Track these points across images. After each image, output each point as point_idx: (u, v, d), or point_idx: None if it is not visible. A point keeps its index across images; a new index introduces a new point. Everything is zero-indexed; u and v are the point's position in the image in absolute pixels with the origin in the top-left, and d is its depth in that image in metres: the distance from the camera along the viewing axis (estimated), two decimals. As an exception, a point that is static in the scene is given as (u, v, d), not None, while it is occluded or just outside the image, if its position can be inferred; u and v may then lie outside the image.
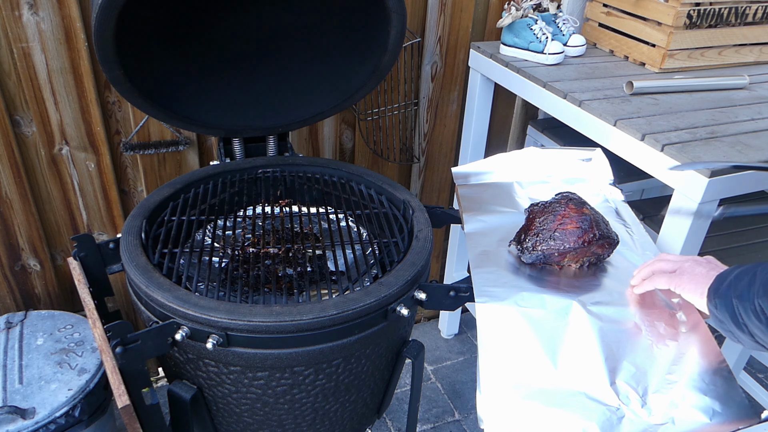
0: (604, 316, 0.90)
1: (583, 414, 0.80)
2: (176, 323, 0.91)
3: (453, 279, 2.11)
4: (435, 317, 2.34)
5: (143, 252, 1.03)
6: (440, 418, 1.93)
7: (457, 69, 1.84)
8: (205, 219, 1.21)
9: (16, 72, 1.36)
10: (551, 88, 1.48)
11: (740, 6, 1.57)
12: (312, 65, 1.38)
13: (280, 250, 1.17)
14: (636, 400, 0.81)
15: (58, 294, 1.66)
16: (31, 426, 1.22)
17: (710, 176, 1.10)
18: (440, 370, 2.12)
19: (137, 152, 1.53)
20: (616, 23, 1.68)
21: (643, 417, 0.80)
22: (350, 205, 1.28)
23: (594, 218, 1.00)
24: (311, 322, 0.90)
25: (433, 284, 1.03)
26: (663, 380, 0.83)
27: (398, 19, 1.17)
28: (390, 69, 1.28)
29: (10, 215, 1.50)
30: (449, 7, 1.72)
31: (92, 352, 1.39)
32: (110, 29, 1.00)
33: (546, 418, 0.80)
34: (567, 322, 0.90)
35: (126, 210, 1.64)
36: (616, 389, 0.82)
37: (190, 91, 1.28)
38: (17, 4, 1.29)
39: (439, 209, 1.26)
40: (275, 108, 1.36)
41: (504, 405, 0.81)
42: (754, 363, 2.14)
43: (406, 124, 1.86)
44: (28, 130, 1.43)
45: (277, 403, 1.02)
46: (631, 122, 1.28)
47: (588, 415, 0.80)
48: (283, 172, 1.34)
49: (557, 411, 0.80)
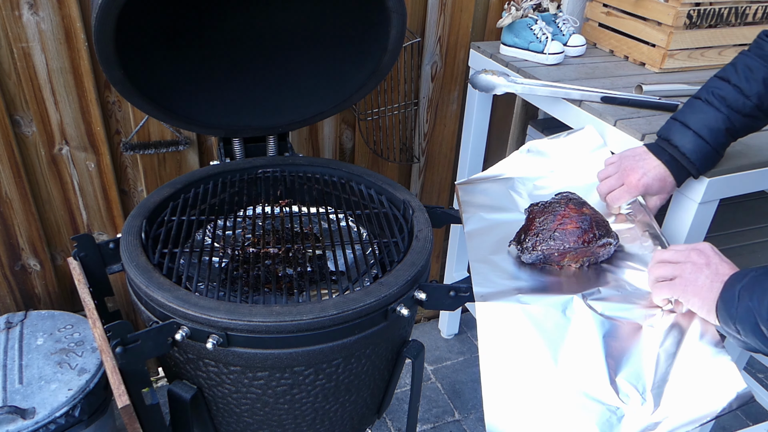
0: (605, 313, 0.90)
1: (583, 414, 0.80)
2: (176, 323, 0.91)
3: (453, 279, 2.11)
4: (435, 317, 2.34)
5: (143, 252, 1.03)
6: (440, 418, 1.93)
7: (457, 69, 1.84)
8: (205, 219, 1.21)
9: (16, 72, 1.36)
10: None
11: (740, 6, 1.57)
12: (312, 65, 1.38)
13: (280, 250, 1.17)
14: (636, 398, 0.81)
15: (58, 294, 1.66)
16: (31, 426, 1.22)
17: (710, 176, 1.11)
18: (440, 370, 2.12)
19: (137, 152, 1.53)
20: (616, 23, 1.68)
21: (642, 415, 0.80)
22: (350, 205, 1.28)
23: (594, 218, 1.01)
24: (311, 322, 0.90)
25: (433, 284, 1.03)
26: (662, 376, 0.83)
27: (398, 19, 1.17)
28: (390, 69, 1.28)
29: (10, 215, 1.50)
30: (449, 7, 1.72)
31: (92, 352, 1.39)
32: (110, 29, 1.00)
33: (546, 418, 0.80)
34: (568, 319, 0.90)
35: (126, 210, 1.64)
36: (616, 387, 0.82)
37: (190, 91, 1.28)
38: (17, 4, 1.29)
39: (439, 209, 1.26)
40: (275, 108, 1.36)
41: (505, 404, 0.81)
42: (755, 363, 2.14)
43: (406, 124, 1.86)
44: (28, 130, 1.43)
45: (277, 403, 1.02)
46: (631, 122, 1.28)
47: (588, 415, 0.80)
48: (283, 172, 1.35)
49: (558, 411, 0.80)
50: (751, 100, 1.01)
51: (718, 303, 0.81)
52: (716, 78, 1.06)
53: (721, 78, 1.05)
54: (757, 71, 1.01)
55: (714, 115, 1.02)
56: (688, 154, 1.04)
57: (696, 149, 1.03)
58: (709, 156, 1.04)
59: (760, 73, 1.00)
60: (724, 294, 0.80)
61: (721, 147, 1.05)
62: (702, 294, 0.83)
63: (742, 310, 0.77)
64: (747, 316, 0.76)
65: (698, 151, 1.03)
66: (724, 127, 1.02)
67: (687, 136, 1.04)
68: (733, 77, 1.03)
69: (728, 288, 0.81)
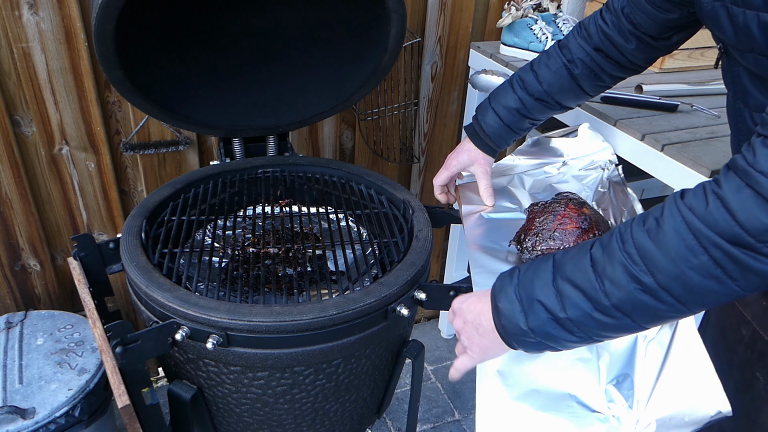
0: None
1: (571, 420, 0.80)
2: (176, 323, 0.91)
3: (453, 279, 2.11)
4: (435, 317, 2.34)
5: (143, 252, 1.03)
6: (440, 418, 1.93)
7: (457, 69, 1.84)
8: (205, 219, 1.21)
9: (16, 72, 1.36)
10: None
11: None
12: (312, 65, 1.38)
13: (280, 250, 1.17)
14: (622, 405, 0.82)
15: (58, 294, 1.66)
16: (31, 426, 1.22)
17: (710, 176, 1.11)
18: (440, 370, 2.12)
19: (137, 152, 1.53)
20: (616, 23, 1.68)
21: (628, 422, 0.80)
22: (350, 205, 1.28)
23: (594, 218, 1.00)
24: (311, 322, 0.90)
25: (433, 284, 1.03)
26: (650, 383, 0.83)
27: (398, 19, 1.18)
28: (390, 69, 1.28)
29: (10, 215, 1.50)
30: (449, 7, 1.72)
31: (92, 352, 1.39)
32: (110, 29, 1.00)
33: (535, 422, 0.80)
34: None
35: (126, 210, 1.64)
36: (607, 393, 0.83)
37: (190, 91, 1.28)
38: (17, 4, 1.29)
39: (439, 209, 1.26)
40: (275, 108, 1.36)
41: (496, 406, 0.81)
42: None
43: (406, 124, 1.86)
44: (28, 130, 1.43)
45: (277, 403, 1.02)
46: (631, 122, 1.28)
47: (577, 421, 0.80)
48: (283, 172, 1.35)
49: (547, 415, 0.81)
50: (542, 86, 1.09)
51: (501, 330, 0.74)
52: (530, 62, 1.14)
53: (531, 63, 1.13)
54: (554, 60, 1.09)
55: (511, 97, 1.12)
56: (486, 128, 1.15)
57: (491, 124, 1.14)
58: (501, 132, 1.14)
59: (555, 63, 1.08)
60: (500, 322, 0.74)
61: (515, 124, 1.13)
62: (484, 344, 0.78)
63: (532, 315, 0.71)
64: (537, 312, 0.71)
65: (492, 126, 1.14)
66: (515, 107, 1.11)
67: (488, 114, 1.15)
68: (536, 63, 1.11)
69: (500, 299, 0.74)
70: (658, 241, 0.63)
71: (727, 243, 0.59)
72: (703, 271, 0.61)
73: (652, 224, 0.64)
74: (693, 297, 0.63)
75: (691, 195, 0.62)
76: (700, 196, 0.61)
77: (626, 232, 0.66)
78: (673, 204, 0.63)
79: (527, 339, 0.72)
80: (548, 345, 0.72)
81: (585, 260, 0.68)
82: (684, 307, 0.64)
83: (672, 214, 0.63)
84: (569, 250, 0.72)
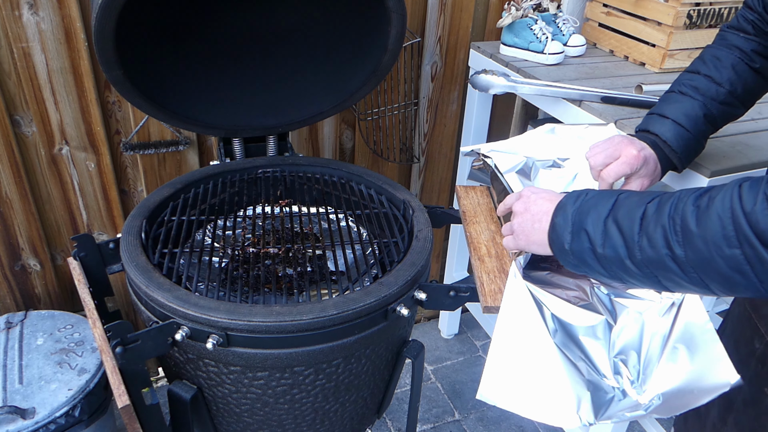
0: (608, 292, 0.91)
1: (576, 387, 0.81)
2: (176, 323, 0.91)
3: (453, 279, 2.11)
4: (435, 317, 2.34)
5: (143, 252, 1.03)
6: (440, 418, 1.93)
7: (457, 69, 1.84)
8: (205, 219, 1.21)
9: (16, 72, 1.36)
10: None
11: (740, 6, 1.56)
12: (312, 65, 1.38)
13: (280, 250, 1.17)
14: (627, 378, 0.83)
15: (58, 294, 1.66)
16: (31, 426, 1.22)
17: (710, 176, 1.11)
18: (440, 370, 2.12)
19: (137, 152, 1.53)
20: (616, 23, 1.68)
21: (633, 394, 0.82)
22: (350, 205, 1.28)
23: None
24: (311, 322, 0.90)
25: (433, 284, 1.03)
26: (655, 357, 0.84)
27: (398, 19, 1.18)
28: (390, 69, 1.28)
29: (10, 215, 1.50)
30: (449, 7, 1.72)
31: (92, 352, 1.39)
32: (110, 29, 1.00)
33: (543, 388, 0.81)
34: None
35: (126, 210, 1.64)
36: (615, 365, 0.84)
37: (190, 91, 1.28)
38: (17, 4, 1.29)
39: (439, 209, 1.26)
40: (275, 108, 1.36)
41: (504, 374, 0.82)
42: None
43: (406, 124, 1.86)
44: (28, 130, 1.43)
45: (277, 403, 1.02)
46: (631, 122, 1.28)
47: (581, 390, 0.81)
48: (283, 172, 1.35)
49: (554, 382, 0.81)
50: (724, 87, 1.00)
51: (550, 238, 0.82)
52: (686, 72, 1.06)
53: (690, 71, 1.05)
54: (725, 59, 1.01)
55: (690, 103, 1.01)
56: (669, 141, 1.01)
57: (676, 136, 1.00)
58: (690, 144, 1.01)
59: (728, 60, 1.01)
60: (552, 233, 0.81)
61: (702, 135, 1.02)
62: (532, 238, 0.86)
63: (576, 241, 0.77)
64: (580, 244, 0.76)
65: (678, 138, 1.00)
66: (702, 113, 1.00)
67: (666, 125, 1.01)
68: (702, 68, 1.03)
69: (558, 214, 0.80)
70: (701, 220, 0.64)
71: (761, 245, 0.59)
72: (732, 262, 0.62)
73: (704, 202, 0.65)
74: (717, 281, 0.65)
75: (747, 187, 0.63)
76: (754, 191, 0.61)
77: (681, 200, 0.68)
78: (729, 190, 0.64)
79: (566, 258, 0.79)
80: (583, 269, 0.79)
81: (639, 211, 0.71)
82: (707, 288, 0.67)
83: (723, 199, 0.63)
84: (633, 193, 0.75)
